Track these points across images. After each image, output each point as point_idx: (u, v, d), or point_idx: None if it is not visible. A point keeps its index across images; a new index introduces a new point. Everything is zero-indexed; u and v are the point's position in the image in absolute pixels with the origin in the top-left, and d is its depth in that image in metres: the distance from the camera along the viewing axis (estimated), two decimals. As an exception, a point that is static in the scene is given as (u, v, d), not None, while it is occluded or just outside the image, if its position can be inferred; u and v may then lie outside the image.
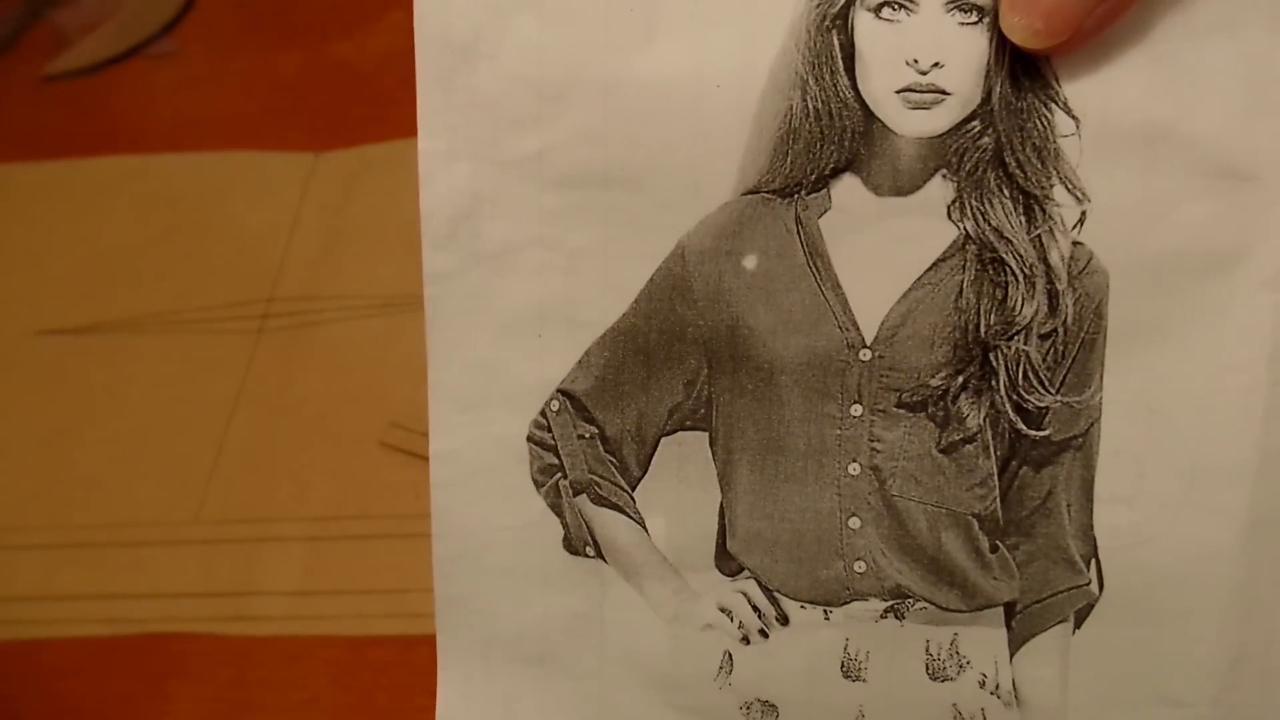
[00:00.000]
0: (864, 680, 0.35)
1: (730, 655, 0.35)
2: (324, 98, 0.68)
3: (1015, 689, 0.34)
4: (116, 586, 0.52)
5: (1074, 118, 0.30)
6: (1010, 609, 0.34)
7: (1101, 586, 0.33)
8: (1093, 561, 0.33)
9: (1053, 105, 0.30)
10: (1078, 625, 0.34)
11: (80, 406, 0.58)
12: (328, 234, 0.63)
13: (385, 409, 0.55)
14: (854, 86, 0.31)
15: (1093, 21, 0.29)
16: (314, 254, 0.62)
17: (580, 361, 0.34)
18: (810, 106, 0.31)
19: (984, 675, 0.34)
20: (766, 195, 0.32)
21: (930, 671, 0.34)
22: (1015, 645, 0.34)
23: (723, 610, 0.35)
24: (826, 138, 0.32)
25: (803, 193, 0.32)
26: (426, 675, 0.37)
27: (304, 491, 0.54)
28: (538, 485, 0.35)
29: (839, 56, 0.31)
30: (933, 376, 0.32)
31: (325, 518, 0.53)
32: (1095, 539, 0.33)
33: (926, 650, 0.34)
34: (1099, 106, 0.30)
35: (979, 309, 0.32)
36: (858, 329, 0.33)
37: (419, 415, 0.55)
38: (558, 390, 0.34)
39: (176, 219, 0.65)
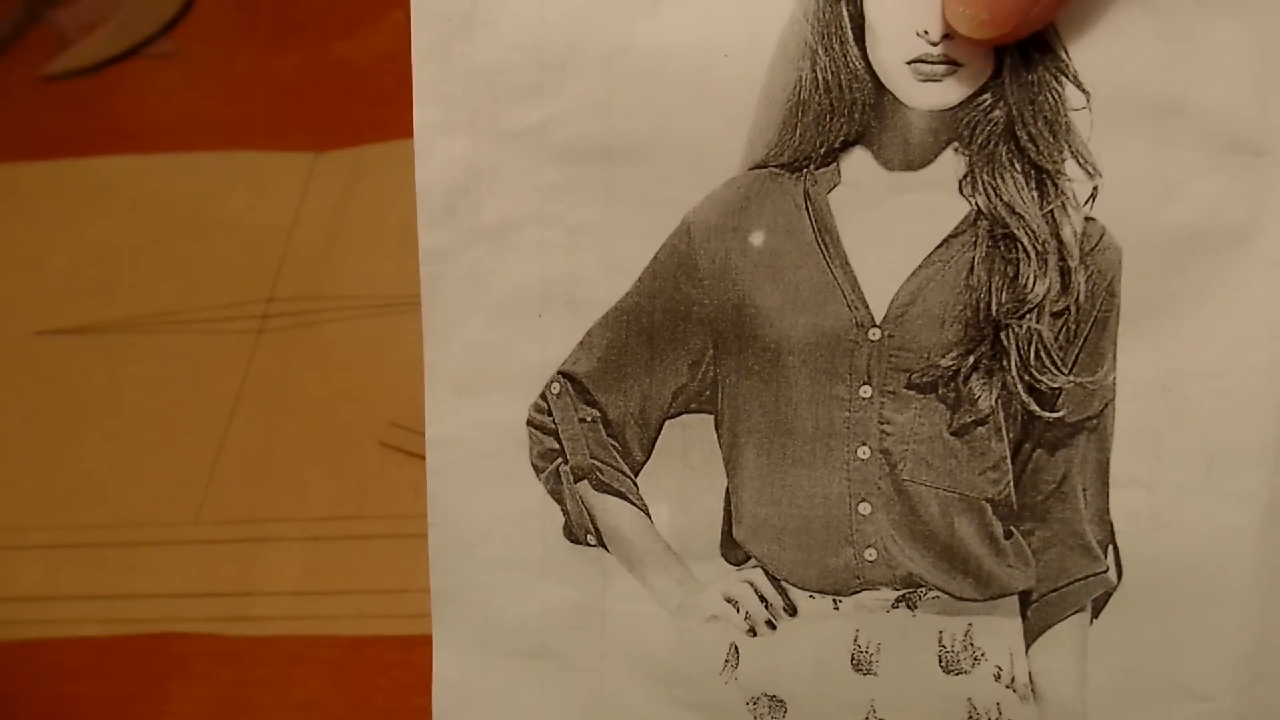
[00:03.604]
0: (875, 674, 0.34)
1: (736, 648, 0.34)
2: (324, 98, 0.68)
3: (1032, 682, 0.33)
4: (116, 586, 0.52)
5: (1084, 91, 0.30)
6: (1026, 598, 0.33)
7: (1120, 574, 0.32)
8: (1110, 548, 0.32)
9: (1063, 78, 0.30)
10: (1095, 615, 0.33)
11: (80, 406, 0.58)
12: (328, 234, 0.63)
13: (385, 409, 0.55)
14: (864, 57, 0.31)
15: (1038, 10, 0.28)
16: (314, 254, 0.62)
17: (582, 342, 0.33)
18: (820, 77, 0.31)
19: (999, 668, 0.33)
20: (774, 170, 0.32)
21: (944, 664, 0.33)
22: (1031, 636, 0.33)
23: (729, 601, 0.34)
24: (836, 110, 0.31)
25: (811, 167, 0.31)
26: (426, 675, 0.36)
27: (304, 491, 0.53)
28: (537, 471, 0.34)
29: (848, 27, 0.30)
30: (943, 356, 0.32)
31: (325, 518, 0.52)
32: (1112, 524, 0.32)
33: (939, 642, 0.33)
34: (1109, 80, 0.30)
35: (990, 286, 0.31)
36: (867, 308, 0.32)
37: (419, 415, 0.54)
38: (558, 372, 0.33)
39: (176, 219, 0.65)
